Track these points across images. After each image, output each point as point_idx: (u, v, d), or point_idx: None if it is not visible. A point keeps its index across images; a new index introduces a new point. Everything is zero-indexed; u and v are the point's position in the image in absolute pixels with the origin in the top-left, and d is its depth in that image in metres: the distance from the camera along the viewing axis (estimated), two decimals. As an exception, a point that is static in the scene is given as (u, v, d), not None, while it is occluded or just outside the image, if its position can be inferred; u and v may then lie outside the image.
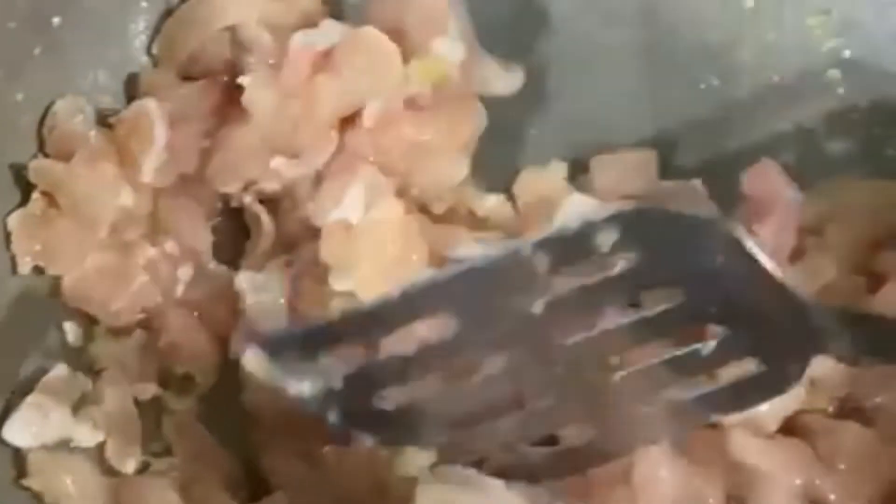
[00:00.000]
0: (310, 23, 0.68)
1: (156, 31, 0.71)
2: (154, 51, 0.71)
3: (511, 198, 0.68)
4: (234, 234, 0.69)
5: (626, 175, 0.69)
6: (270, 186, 0.67)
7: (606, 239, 0.49)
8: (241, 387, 0.63)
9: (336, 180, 0.64)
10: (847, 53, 0.73)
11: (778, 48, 0.73)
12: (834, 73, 0.73)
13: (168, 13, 0.70)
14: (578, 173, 0.69)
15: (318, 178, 0.66)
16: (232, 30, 0.69)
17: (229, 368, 0.64)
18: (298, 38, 0.65)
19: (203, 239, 0.68)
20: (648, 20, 0.74)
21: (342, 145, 0.65)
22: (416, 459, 0.55)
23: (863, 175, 0.70)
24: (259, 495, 0.61)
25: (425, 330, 0.53)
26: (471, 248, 0.61)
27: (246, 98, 0.65)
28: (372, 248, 0.62)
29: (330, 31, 0.66)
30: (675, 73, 0.73)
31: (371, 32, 0.65)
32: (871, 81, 0.72)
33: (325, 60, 0.65)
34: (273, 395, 0.58)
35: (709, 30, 0.73)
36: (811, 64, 0.73)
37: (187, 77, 0.69)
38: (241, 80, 0.65)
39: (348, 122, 0.66)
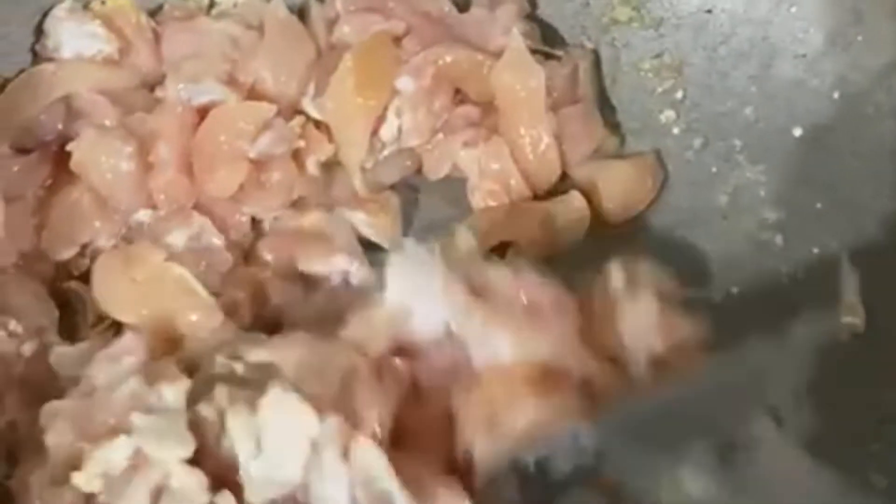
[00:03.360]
0: (146, 83, 0.69)
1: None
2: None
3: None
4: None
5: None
6: (106, 243, 0.66)
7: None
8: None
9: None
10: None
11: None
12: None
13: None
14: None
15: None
16: (66, 99, 0.68)
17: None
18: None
19: (47, 314, 0.65)
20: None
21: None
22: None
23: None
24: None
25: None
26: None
27: (75, 162, 0.65)
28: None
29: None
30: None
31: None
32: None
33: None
34: None
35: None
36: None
37: (19, 149, 0.68)
38: (70, 146, 0.65)
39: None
